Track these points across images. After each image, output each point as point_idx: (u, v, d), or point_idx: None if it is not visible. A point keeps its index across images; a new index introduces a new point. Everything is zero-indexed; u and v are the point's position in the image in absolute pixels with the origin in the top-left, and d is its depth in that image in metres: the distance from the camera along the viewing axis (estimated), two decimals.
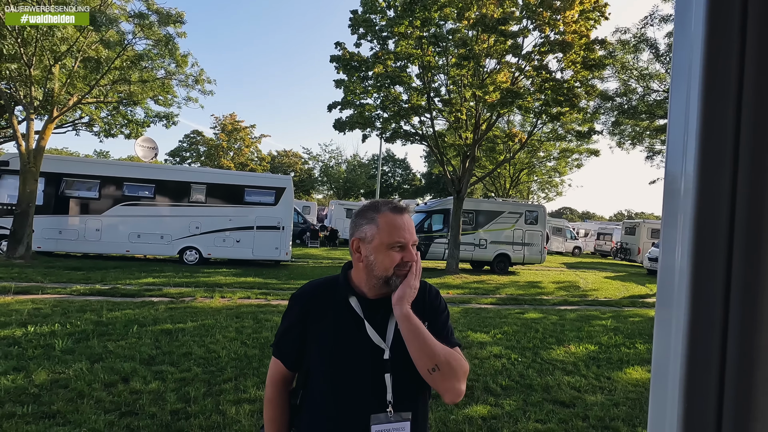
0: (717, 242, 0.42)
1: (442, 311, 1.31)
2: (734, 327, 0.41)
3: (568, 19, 12.16)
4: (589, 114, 14.92)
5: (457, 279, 13.15)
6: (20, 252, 10.80)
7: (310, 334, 1.24)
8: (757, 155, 0.41)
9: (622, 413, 3.95)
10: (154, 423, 3.28)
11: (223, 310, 7.08)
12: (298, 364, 1.28)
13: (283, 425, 1.30)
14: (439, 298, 1.34)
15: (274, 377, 1.32)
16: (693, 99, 0.44)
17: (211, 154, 37.37)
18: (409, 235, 1.23)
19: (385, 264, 1.20)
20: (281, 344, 1.30)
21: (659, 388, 0.47)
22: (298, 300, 1.29)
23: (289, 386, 1.33)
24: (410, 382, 1.20)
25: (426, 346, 1.12)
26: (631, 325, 7.86)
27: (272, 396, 1.31)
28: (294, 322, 1.27)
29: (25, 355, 4.49)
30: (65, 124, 14.84)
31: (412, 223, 1.27)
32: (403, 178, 46.11)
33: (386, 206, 1.25)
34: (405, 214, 1.25)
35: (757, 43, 0.42)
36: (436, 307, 1.29)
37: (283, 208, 13.46)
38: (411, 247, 1.23)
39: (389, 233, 1.20)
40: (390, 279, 1.21)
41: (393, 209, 1.24)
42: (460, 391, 1.13)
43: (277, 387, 1.31)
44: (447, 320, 1.30)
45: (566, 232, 31.03)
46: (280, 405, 1.30)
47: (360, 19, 13.08)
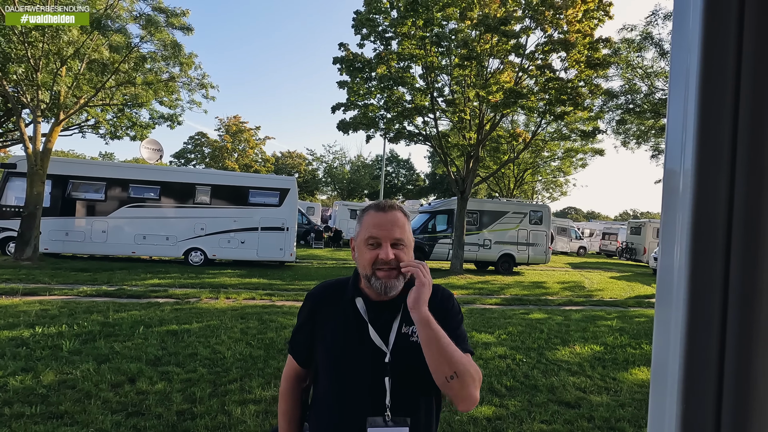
0: (715, 240, 0.42)
1: (455, 315, 1.26)
2: (732, 326, 0.41)
3: (571, 18, 12.11)
4: (593, 113, 14.86)
5: (461, 279, 13.13)
6: (28, 254, 10.90)
7: (318, 333, 1.27)
8: (754, 153, 0.42)
9: (628, 414, 3.93)
10: (161, 423, 3.30)
11: (228, 311, 7.11)
12: (309, 362, 1.31)
13: (294, 419, 1.33)
14: (451, 301, 1.28)
15: (288, 373, 1.36)
16: (691, 97, 0.45)
17: (215, 156, 37.55)
18: (385, 231, 1.17)
19: (362, 261, 1.19)
20: (294, 341, 1.35)
21: (659, 387, 0.47)
22: (309, 299, 1.32)
23: (302, 382, 1.36)
24: (411, 387, 1.18)
25: (446, 352, 1.07)
26: (637, 325, 7.81)
27: (284, 390, 1.35)
28: (304, 321, 1.31)
29: (33, 355, 4.54)
30: (71, 126, 14.96)
31: (398, 221, 1.19)
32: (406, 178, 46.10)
33: (373, 205, 1.23)
34: (388, 212, 1.20)
35: (755, 42, 0.42)
36: (447, 309, 1.24)
37: (288, 209, 13.50)
38: (387, 245, 1.16)
39: (366, 229, 1.19)
40: (370, 279, 1.18)
41: (376, 207, 1.22)
42: (475, 399, 1.11)
43: (290, 382, 1.35)
44: (460, 325, 1.25)
45: (571, 232, 30.90)
46: (292, 399, 1.34)
47: (363, 18, 13.09)
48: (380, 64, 13.27)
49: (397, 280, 1.17)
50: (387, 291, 1.17)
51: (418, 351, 1.17)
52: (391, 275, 1.16)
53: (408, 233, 1.22)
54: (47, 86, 10.95)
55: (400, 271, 1.16)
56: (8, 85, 11.16)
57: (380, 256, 1.15)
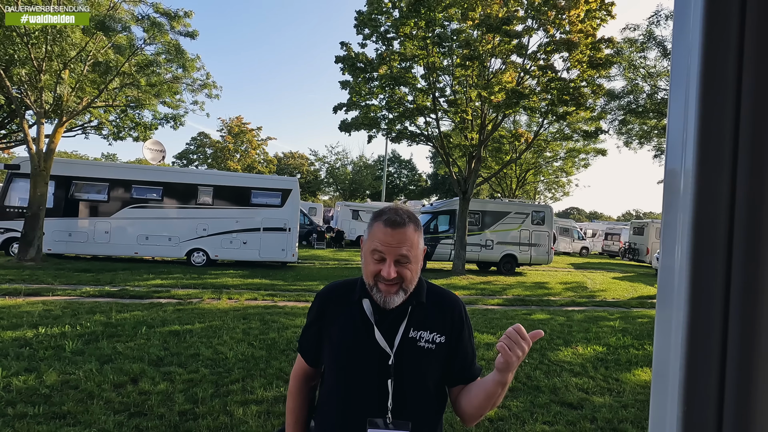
0: (716, 240, 0.42)
1: (469, 330, 1.28)
2: (734, 327, 0.41)
3: (573, 19, 12.08)
4: (595, 113, 14.82)
5: (463, 280, 13.11)
6: (31, 254, 10.95)
7: (325, 333, 1.28)
8: (755, 153, 0.41)
9: (631, 415, 3.91)
10: (163, 424, 3.31)
11: (230, 312, 7.12)
12: (317, 361, 1.33)
13: (301, 417, 1.35)
14: (465, 314, 1.30)
15: (297, 371, 1.37)
16: (691, 97, 0.44)
17: (218, 157, 37.64)
18: (390, 248, 1.14)
19: (366, 270, 1.20)
20: (302, 340, 1.36)
21: (660, 388, 0.47)
22: (318, 299, 1.34)
23: (310, 381, 1.38)
24: (414, 391, 1.19)
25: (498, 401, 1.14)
26: (640, 326, 7.78)
27: (293, 388, 1.37)
28: (313, 320, 1.33)
29: (36, 356, 4.55)
30: (75, 127, 15.02)
31: (406, 240, 1.16)
32: (408, 179, 46.11)
33: (384, 216, 1.19)
34: (396, 230, 1.15)
35: (756, 41, 0.42)
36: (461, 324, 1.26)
37: (290, 209, 13.52)
38: (390, 262, 1.14)
39: (372, 240, 1.18)
40: (372, 289, 1.19)
41: (386, 221, 1.17)
42: (482, 417, 1.18)
43: (298, 380, 1.37)
44: (471, 340, 1.28)
45: (573, 233, 30.82)
46: (300, 397, 1.36)
47: (365, 18, 13.10)
48: (382, 64, 13.28)
49: (396, 295, 1.17)
50: (386, 304, 1.19)
51: (424, 358, 1.19)
52: (391, 290, 1.17)
53: (415, 248, 1.18)
54: (50, 88, 10.99)
55: (401, 286, 1.17)
56: (12, 87, 11.21)
57: (382, 272, 1.15)
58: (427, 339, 1.21)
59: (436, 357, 1.20)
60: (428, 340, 1.20)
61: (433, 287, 1.31)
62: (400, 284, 1.17)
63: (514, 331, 1.05)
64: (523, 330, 1.05)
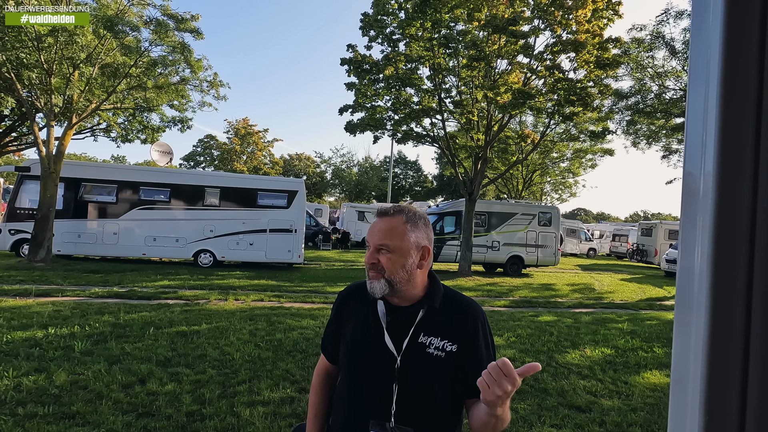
0: (738, 243, 0.41)
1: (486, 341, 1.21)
2: (757, 331, 0.40)
3: (580, 19, 12.01)
4: (602, 114, 14.70)
5: (469, 281, 13.06)
6: (41, 255, 11.07)
7: (342, 331, 1.31)
8: None
9: (640, 419, 3.87)
10: (170, 424, 3.33)
11: (237, 313, 7.14)
12: (336, 358, 1.36)
13: (321, 413, 1.37)
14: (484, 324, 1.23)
15: (319, 366, 1.42)
16: (711, 96, 0.43)
17: (224, 158, 37.86)
18: (371, 236, 1.20)
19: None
20: (324, 338, 1.41)
21: (679, 395, 0.46)
22: (338, 298, 1.38)
23: (332, 378, 1.41)
24: (420, 398, 1.16)
25: (499, 428, 1.06)
26: (649, 328, 7.70)
27: (315, 384, 1.41)
28: (332, 318, 1.37)
29: (45, 356, 4.60)
30: (84, 130, 15.19)
31: (388, 228, 1.18)
32: (414, 180, 46.05)
33: (379, 209, 1.27)
34: (382, 218, 1.22)
35: None
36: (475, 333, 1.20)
37: (296, 211, 13.56)
38: (371, 249, 1.19)
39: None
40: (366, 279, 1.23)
41: (378, 212, 1.26)
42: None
43: (320, 376, 1.40)
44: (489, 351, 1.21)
45: (581, 234, 30.58)
46: (322, 393, 1.39)
47: (371, 20, 13.12)
48: (388, 66, 13.28)
49: (377, 282, 1.17)
50: (372, 292, 1.19)
51: (431, 364, 1.16)
52: (372, 278, 1.19)
53: (400, 239, 1.17)
54: (60, 90, 11.12)
55: (384, 276, 1.17)
56: (22, 90, 11.36)
57: (365, 259, 1.21)
58: (437, 345, 1.17)
59: (446, 365, 1.16)
60: (438, 347, 1.17)
61: (451, 293, 1.27)
62: (383, 273, 1.17)
63: (498, 367, 0.91)
64: (509, 365, 0.91)
